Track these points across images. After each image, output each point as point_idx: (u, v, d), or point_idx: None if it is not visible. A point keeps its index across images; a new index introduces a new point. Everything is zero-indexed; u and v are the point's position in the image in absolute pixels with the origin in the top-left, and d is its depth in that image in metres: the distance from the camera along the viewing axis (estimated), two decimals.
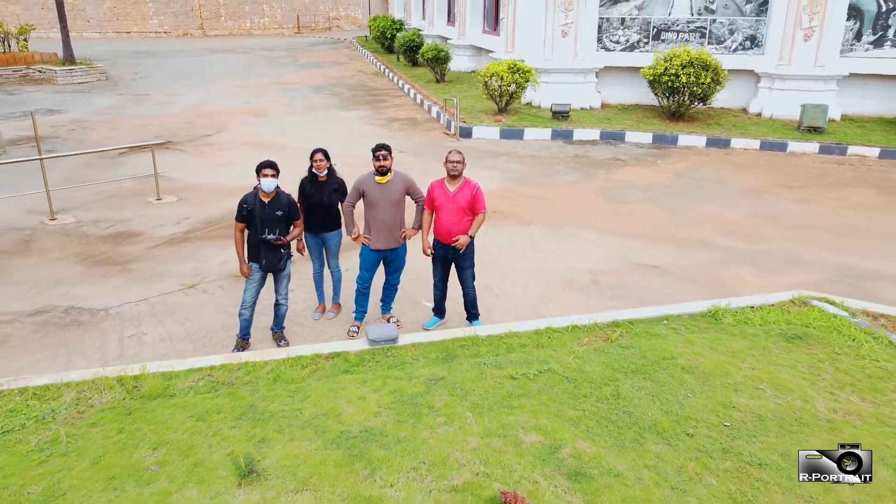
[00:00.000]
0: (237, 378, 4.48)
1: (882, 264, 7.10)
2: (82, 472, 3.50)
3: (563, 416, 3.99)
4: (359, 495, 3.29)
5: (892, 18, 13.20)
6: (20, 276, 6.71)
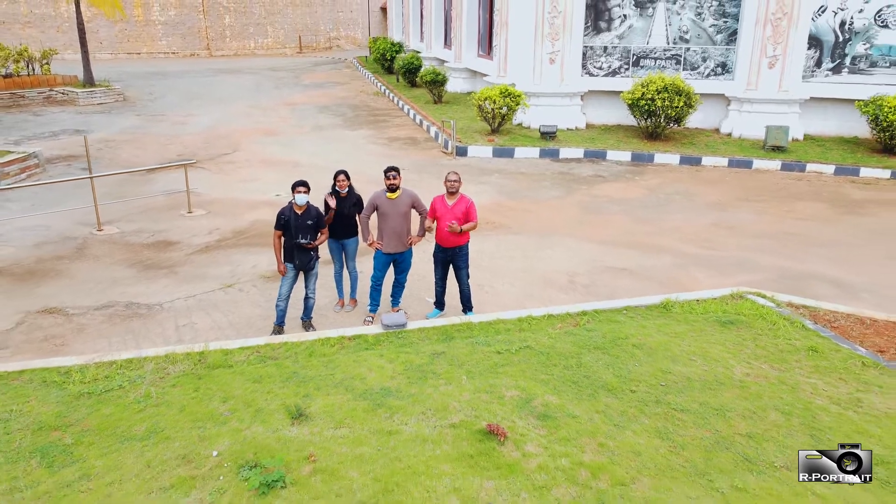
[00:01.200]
0: (280, 353, 5.63)
1: (815, 267, 8.31)
2: (172, 417, 4.65)
3: (536, 378, 5.15)
4: (382, 430, 4.44)
5: (849, 48, 14.55)
6: (81, 277, 7.87)
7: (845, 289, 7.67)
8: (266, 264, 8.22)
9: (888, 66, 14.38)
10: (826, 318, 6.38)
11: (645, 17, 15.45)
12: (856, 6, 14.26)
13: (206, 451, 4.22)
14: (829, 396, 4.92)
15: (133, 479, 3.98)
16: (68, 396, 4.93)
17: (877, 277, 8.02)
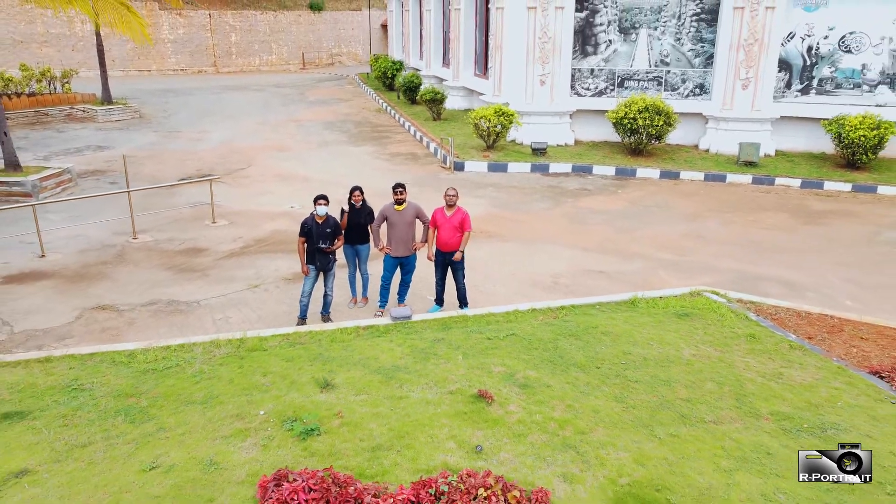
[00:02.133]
0: (306, 339, 6.73)
1: (770, 270, 9.44)
2: (223, 386, 5.73)
3: (519, 358, 6.25)
4: (394, 396, 5.53)
5: (816, 71, 15.78)
6: (124, 280, 8.97)
7: (793, 288, 8.79)
8: (286, 268, 9.33)
9: (851, 88, 15.61)
10: (768, 312, 7.49)
11: (628, 42, 16.69)
12: (821, 33, 15.50)
13: (254, 411, 5.31)
14: (758, 371, 6.03)
15: (199, 430, 5.06)
16: (136, 372, 6.02)
17: (822, 279, 9.15)
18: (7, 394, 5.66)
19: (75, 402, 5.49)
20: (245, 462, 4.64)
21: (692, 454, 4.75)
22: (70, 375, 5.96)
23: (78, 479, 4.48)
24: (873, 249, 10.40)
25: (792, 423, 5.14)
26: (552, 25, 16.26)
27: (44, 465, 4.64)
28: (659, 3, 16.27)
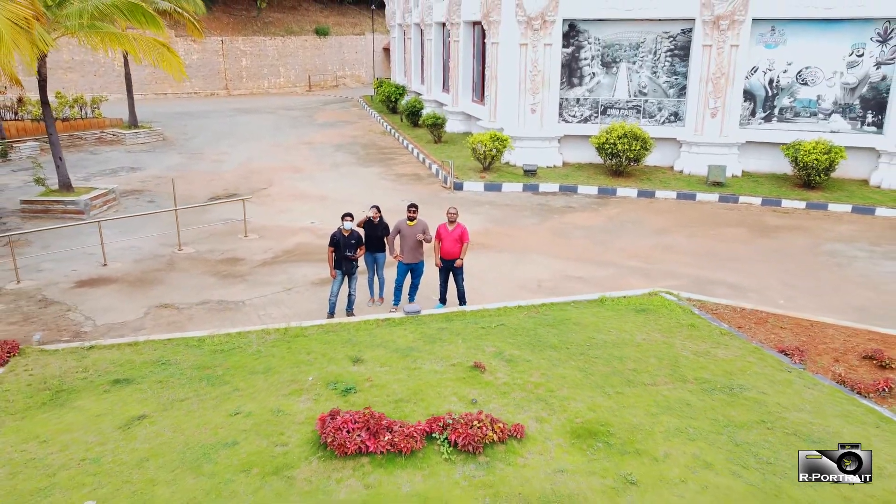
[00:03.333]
0: (337, 329, 8.42)
1: (722, 275, 11.17)
2: (277, 361, 7.41)
3: (506, 341, 7.94)
4: (409, 367, 7.22)
5: (777, 101, 17.64)
6: (178, 284, 10.67)
7: (738, 290, 10.51)
8: (312, 274, 11.04)
9: (808, 116, 17.47)
10: (710, 308, 9.21)
11: (610, 75, 18.58)
12: (781, 67, 17.39)
13: (303, 378, 6.99)
14: (691, 350, 7.73)
15: (264, 391, 6.74)
16: (207, 352, 7.71)
17: (764, 283, 10.88)
18: (111, 367, 7.34)
19: (165, 372, 7.18)
20: (302, 410, 6.32)
21: (631, 405, 6.44)
22: (156, 354, 7.65)
23: (182, 420, 6.16)
24: (812, 259, 12.15)
25: (709, 385, 6.84)
26: (542, 60, 18.14)
27: (155, 412, 6.33)
28: (637, 40, 18.18)
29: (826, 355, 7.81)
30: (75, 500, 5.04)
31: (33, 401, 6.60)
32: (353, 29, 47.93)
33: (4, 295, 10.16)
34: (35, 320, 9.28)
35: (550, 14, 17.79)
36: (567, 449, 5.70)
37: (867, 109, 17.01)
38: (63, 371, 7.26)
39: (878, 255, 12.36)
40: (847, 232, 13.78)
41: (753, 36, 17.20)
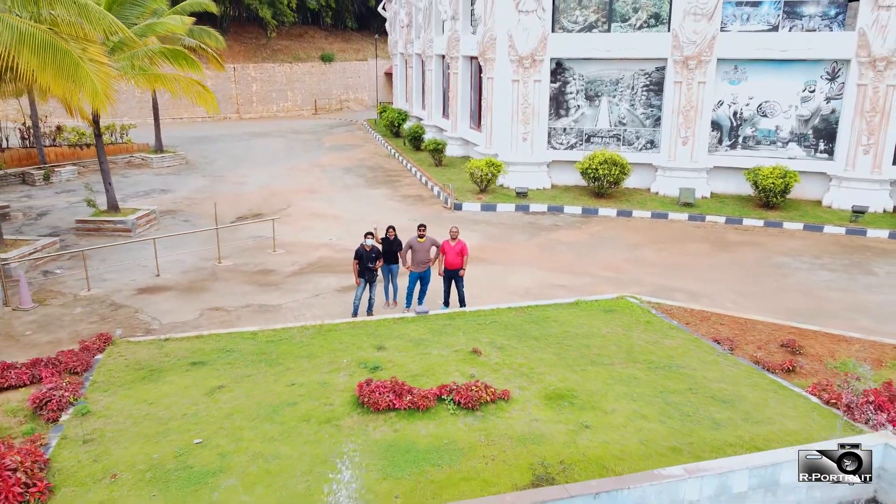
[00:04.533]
0: (361, 325, 10.42)
1: (681, 284, 13.21)
2: (317, 349, 9.41)
3: (497, 334, 9.95)
4: (421, 352, 9.21)
5: (740, 130, 19.83)
6: (222, 291, 12.67)
7: (693, 295, 12.55)
8: (336, 283, 13.06)
9: (769, 144, 19.65)
10: (665, 309, 11.24)
11: (593, 107, 20.78)
12: (744, 101, 19.61)
13: (339, 360, 8.98)
14: (644, 340, 9.75)
15: (311, 369, 8.73)
16: (260, 343, 9.70)
17: (717, 290, 12.92)
18: (187, 353, 9.33)
19: (231, 356, 9.17)
20: (341, 382, 8.31)
21: (592, 378, 8.45)
22: (220, 344, 9.64)
23: (252, 389, 8.15)
24: (761, 270, 14.21)
25: (654, 365, 8.86)
26: (532, 94, 20.35)
27: (230, 383, 8.31)
28: (617, 77, 20.41)
29: (751, 344, 9.83)
30: (187, 439, 7.01)
31: (134, 377, 8.59)
32: (357, 55, 50.41)
33: (80, 300, 12.17)
34: (110, 320, 11.27)
35: (539, 54, 20.03)
36: (541, 407, 7.70)
37: (819, 138, 19.21)
38: (149, 356, 9.24)
39: (817, 266, 14.43)
40: (795, 247, 15.86)
41: (718, 74, 19.44)
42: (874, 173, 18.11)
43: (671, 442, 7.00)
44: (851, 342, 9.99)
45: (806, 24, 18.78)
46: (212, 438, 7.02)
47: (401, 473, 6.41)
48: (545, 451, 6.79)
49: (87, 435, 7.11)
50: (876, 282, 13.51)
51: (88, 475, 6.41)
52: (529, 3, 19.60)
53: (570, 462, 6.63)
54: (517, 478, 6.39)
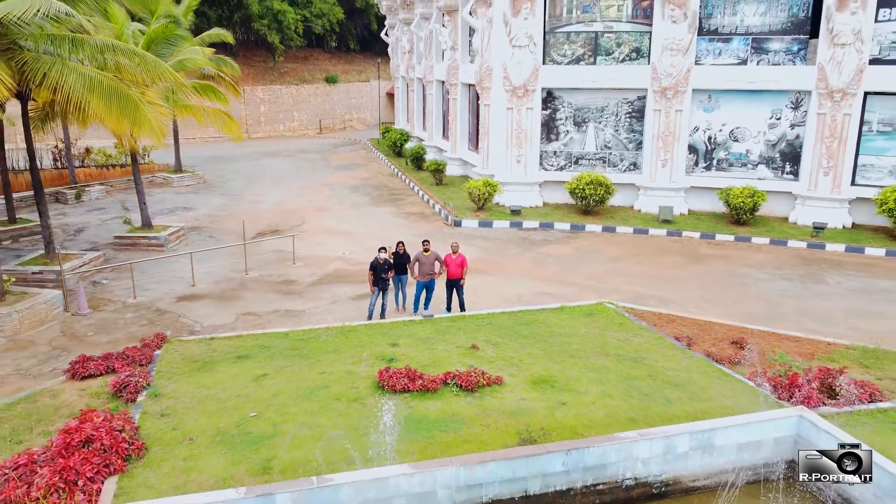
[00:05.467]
0: (377, 327, 12.19)
1: (655, 292, 15.02)
2: (340, 345, 11.17)
3: (493, 334, 11.72)
4: (429, 348, 10.98)
5: (714, 154, 21.77)
6: (252, 299, 14.45)
7: (664, 302, 14.35)
8: (351, 292, 14.84)
9: (740, 166, 21.58)
10: (637, 313, 13.04)
11: (581, 132, 22.73)
12: (717, 127, 21.57)
13: (360, 355, 10.74)
14: (617, 338, 11.54)
15: (337, 362, 10.49)
16: (292, 341, 11.47)
17: (686, 297, 14.73)
18: (231, 349, 11.09)
19: (269, 352, 10.93)
20: (364, 371, 10.07)
21: (570, 367, 10.23)
22: (258, 342, 11.40)
23: (291, 376, 9.91)
24: (727, 279, 16.03)
25: (622, 357, 10.65)
26: (524, 120, 22.30)
27: (271, 372, 10.08)
28: (602, 105, 22.38)
29: (707, 341, 11.63)
30: (243, 413, 8.77)
31: (190, 367, 10.35)
32: (359, 76, 52.57)
33: (129, 307, 13.94)
34: (158, 323, 13.03)
35: (531, 84, 22.01)
36: (528, 389, 9.47)
37: (785, 161, 21.16)
38: (200, 352, 11.00)
39: (777, 276, 16.27)
40: (760, 259, 17.71)
41: (694, 102, 21.41)
42: (834, 193, 20.03)
43: (630, 415, 8.78)
44: (792, 340, 11.80)
45: (772, 59, 20.80)
46: (264, 413, 8.79)
47: (415, 437, 8.17)
48: (529, 421, 8.57)
49: (164, 410, 8.87)
50: (826, 290, 15.35)
51: (171, 439, 8.16)
52: (522, 39, 21.61)
53: (549, 429, 8.40)
54: (507, 441, 8.16)
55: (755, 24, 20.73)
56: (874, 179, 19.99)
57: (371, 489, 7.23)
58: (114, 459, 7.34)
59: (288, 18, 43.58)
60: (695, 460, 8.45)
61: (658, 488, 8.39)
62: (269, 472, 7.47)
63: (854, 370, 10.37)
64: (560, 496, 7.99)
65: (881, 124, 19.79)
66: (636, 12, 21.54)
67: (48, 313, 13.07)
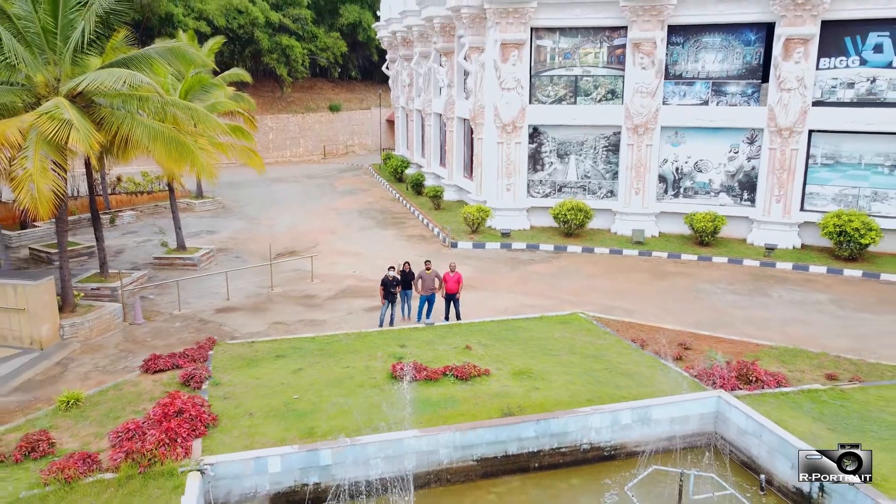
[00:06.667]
0: (387, 332, 14.74)
1: (622, 304, 17.63)
2: (359, 347, 13.72)
3: (483, 337, 14.28)
4: (431, 348, 13.53)
5: (681, 183, 24.55)
6: (279, 311, 17.01)
7: (629, 312, 16.94)
8: (364, 304, 17.40)
9: (704, 194, 24.35)
10: (604, 321, 15.63)
11: (564, 163, 25.52)
12: (683, 159, 24.38)
13: (376, 353, 13.29)
14: (584, 341, 14.12)
15: (357, 359, 13.04)
16: (318, 344, 14.00)
17: (647, 308, 17.34)
18: (270, 350, 13.62)
19: (301, 352, 13.47)
20: (379, 365, 12.61)
21: (544, 363, 12.79)
22: (290, 345, 13.93)
23: (321, 370, 12.45)
24: (685, 293, 18.66)
25: (587, 355, 13.23)
26: (513, 153, 25.08)
27: (305, 367, 12.61)
28: (582, 139, 25.20)
29: (658, 343, 14.18)
30: (288, 396, 11.29)
31: (239, 364, 12.87)
32: (361, 104, 55.61)
33: (176, 317, 16.49)
34: (203, 331, 15.57)
35: (519, 121, 24.83)
36: (509, 378, 12.03)
37: (743, 189, 23.94)
38: (244, 352, 13.53)
39: (729, 291, 18.92)
40: (717, 276, 20.37)
41: (662, 138, 24.23)
42: (785, 218, 22.77)
43: (588, 396, 11.34)
44: (728, 342, 14.40)
45: (729, 100, 23.69)
46: (304, 396, 11.32)
47: (421, 412, 10.70)
48: (510, 402, 11.12)
49: (225, 395, 11.40)
50: (768, 302, 18.00)
51: (234, 414, 10.69)
52: (511, 82, 24.48)
53: (524, 406, 10.95)
54: (492, 414, 10.70)
55: (715, 70, 23.65)
56: (820, 206, 22.76)
57: (389, 447, 9.78)
58: (198, 426, 9.87)
59: (295, 52, 46.66)
60: (636, 430, 11.01)
61: (608, 452, 10.93)
62: (313, 435, 10.00)
63: (772, 365, 12.98)
64: (532, 456, 10.54)
65: (824, 158, 22.62)
66: (611, 59, 24.45)
67: (111, 322, 15.60)
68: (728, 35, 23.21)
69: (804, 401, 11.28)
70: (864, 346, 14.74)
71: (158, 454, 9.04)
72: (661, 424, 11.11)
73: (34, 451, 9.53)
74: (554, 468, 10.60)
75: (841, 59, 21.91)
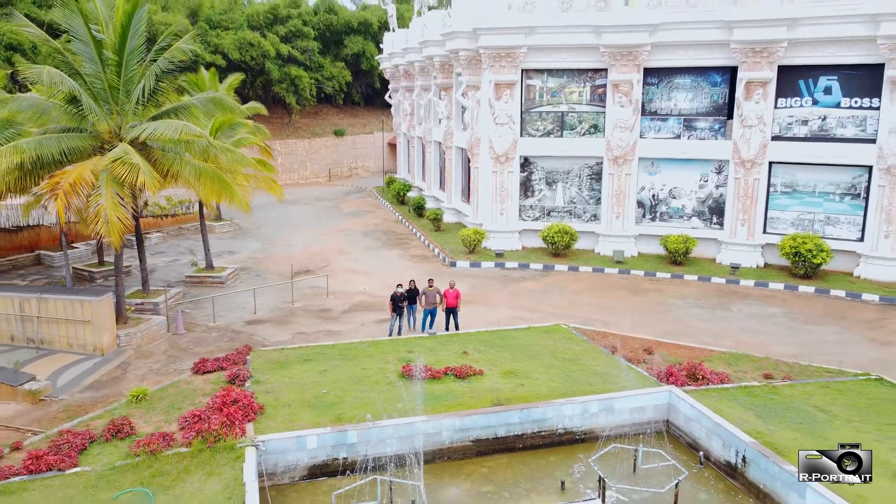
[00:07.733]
0: (396, 341, 17.23)
1: (600, 316, 20.16)
2: (373, 352, 16.20)
3: (478, 344, 16.77)
4: (435, 354, 16.01)
5: (658, 208, 27.22)
6: (301, 322, 19.50)
7: (606, 324, 19.46)
8: (374, 317, 19.90)
9: (679, 218, 27.02)
10: (583, 331, 18.15)
11: (552, 189, 28.21)
12: (659, 187, 27.08)
13: (387, 358, 15.77)
14: (564, 348, 16.64)
15: (371, 362, 15.52)
16: (338, 350, 16.50)
17: (622, 320, 19.86)
18: (298, 355, 16.09)
19: (324, 357, 15.95)
20: (392, 367, 15.09)
21: (529, 365, 15.29)
22: (315, 351, 16.41)
23: (343, 370, 14.94)
24: (656, 307, 21.21)
25: (565, 359, 15.73)
26: (506, 181, 27.77)
27: (330, 368, 15.10)
28: (568, 168, 27.91)
29: (627, 349, 16.70)
30: (317, 391, 13.77)
31: (273, 366, 15.34)
32: (364, 128, 58.54)
33: (212, 328, 18.98)
34: (237, 339, 18.06)
35: (511, 153, 27.55)
36: (500, 377, 14.53)
37: (713, 214, 26.62)
38: (276, 357, 16.00)
39: (695, 305, 21.48)
40: (687, 292, 22.94)
41: (640, 168, 26.95)
42: (749, 239, 25.41)
43: (563, 391, 13.84)
44: (687, 348, 16.92)
45: (699, 135, 26.45)
46: (331, 391, 13.81)
47: (427, 403, 13.18)
48: (499, 395, 13.61)
49: (266, 390, 13.88)
50: (728, 315, 20.55)
51: (276, 405, 13.16)
52: (503, 118, 27.24)
53: (512, 398, 13.44)
54: (485, 404, 13.18)
55: (686, 108, 26.44)
56: (780, 229, 25.41)
57: (403, 429, 12.26)
58: (249, 413, 12.35)
59: (303, 82, 49.62)
60: (602, 418, 13.50)
61: (580, 436, 13.40)
62: (341, 420, 12.47)
63: (719, 366, 15.50)
64: (517, 438, 13.01)
65: (783, 186, 25.33)
66: (593, 97, 27.26)
67: (158, 333, 18.09)
68: (697, 77, 26.04)
69: (741, 395, 13.79)
70: (804, 352, 17.27)
71: (222, 433, 11.52)
72: (622, 413, 13.60)
73: (119, 433, 11.98)
74: (535, 448, 13.05)
75: (796, 99, 24.71)
